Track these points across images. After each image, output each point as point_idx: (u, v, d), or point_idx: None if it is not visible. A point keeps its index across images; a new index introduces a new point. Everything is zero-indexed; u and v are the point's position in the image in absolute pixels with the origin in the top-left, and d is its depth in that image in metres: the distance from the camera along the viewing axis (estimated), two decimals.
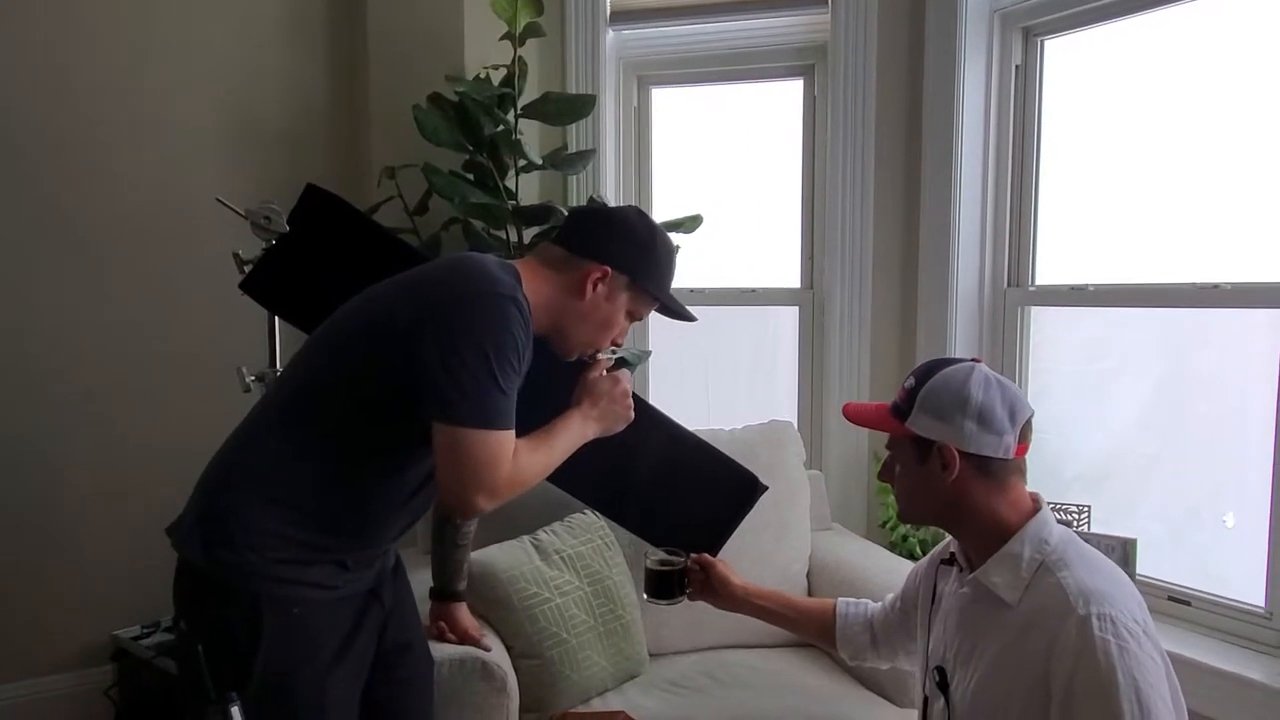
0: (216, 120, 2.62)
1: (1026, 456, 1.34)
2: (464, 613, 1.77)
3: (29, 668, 2.54)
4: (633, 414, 1.53)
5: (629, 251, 1.45)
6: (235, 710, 1.22)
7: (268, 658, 1.26)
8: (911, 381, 1.35)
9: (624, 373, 1.56)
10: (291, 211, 1.62)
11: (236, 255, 1.65)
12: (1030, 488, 1.34)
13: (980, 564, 1.32)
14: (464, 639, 1.73)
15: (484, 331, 1.25)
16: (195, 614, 1.30)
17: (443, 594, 1.77)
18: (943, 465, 1.29)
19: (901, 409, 1.34)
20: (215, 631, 1.27)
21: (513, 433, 1.30)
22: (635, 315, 1.51)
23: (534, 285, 1.38)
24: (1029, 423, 1.32)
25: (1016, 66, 2.45)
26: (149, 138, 2.55)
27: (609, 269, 1.42)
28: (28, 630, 2.53)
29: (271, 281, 1.63)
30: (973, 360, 1.35)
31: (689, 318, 1.55)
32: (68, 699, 2.57)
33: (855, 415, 1.43)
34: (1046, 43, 2.41)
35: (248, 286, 1.64)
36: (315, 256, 1.63)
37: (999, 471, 1.30)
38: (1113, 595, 1.19)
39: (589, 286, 1.41)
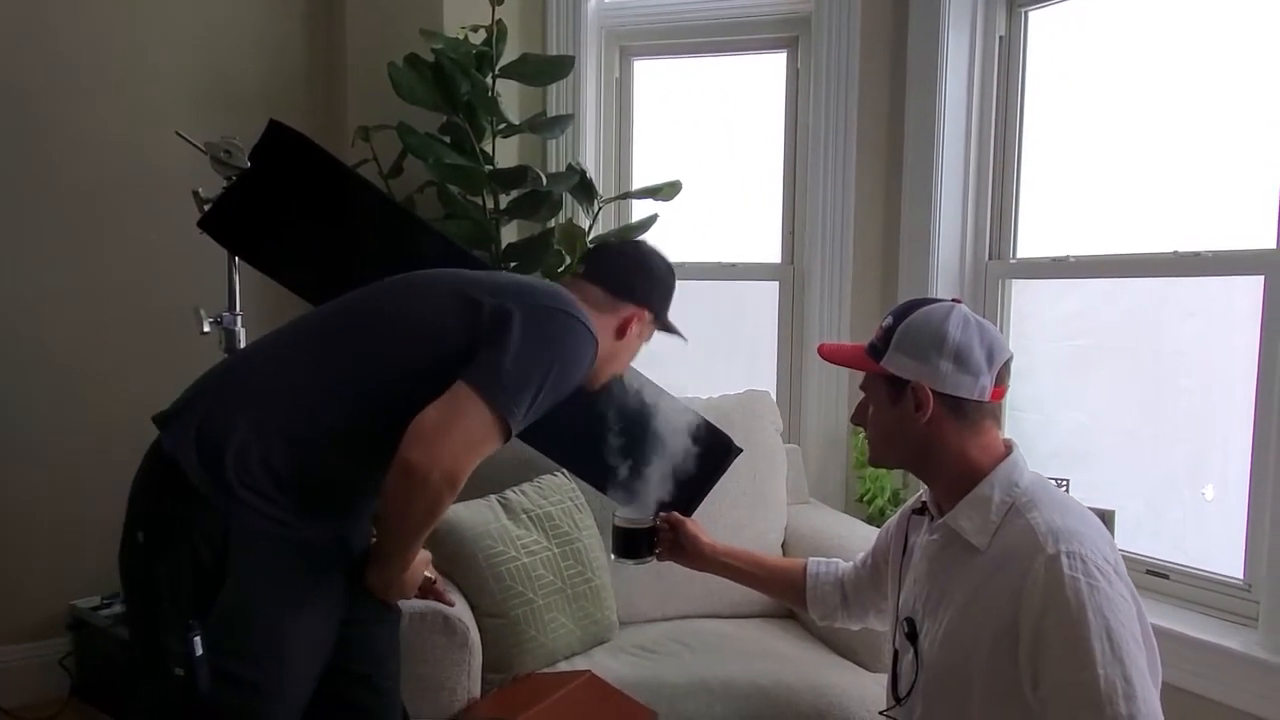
0: (188, 75, 2.58)
1: (1003, 401, 1.31)
2: (422, 563, 1.71)
3: None
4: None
5: (660, 294, 1.57)
6: (196, 641, 1.14)
7: (232, 586, 1.18)
8: (889, 320, 1.32)
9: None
10: (254, 148, 1.58)
11: (196, 194, 1.61)
12: None
13: (950, 509, 1.29)
14: (426, 592, 1.68)
15: (562, 353, 1.29)
16: (163, 522, 1.21)
17: None
18: (916, 405, 1.26)
19: (877, 348, 1.31)
20: (183, 547, 1.18)
21: (504, 437, 1.26)
22: (644, 341, 1.61)
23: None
24: (1007, 365, 1.29)
25: (1000, 37, 2.43)
26: (118, 91, 2.51)
27: (649, 311, 1.53)
28: None
29: (232, 219, 1.58)
30: (953, 300, 1.32)
31: (683, 337, 1.65)
32: (21, 669, 2.51)
33: (831, 354, 1.40)
34: (1030, 14, 2.40)
35: (207, 224, 1.59)
36: (278, 195, 1.58)
37: (973, 414, 1.27)
38: (1083, 534, 1.16)
39: (631, 328, 1.51)
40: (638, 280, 1.53)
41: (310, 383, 1.26)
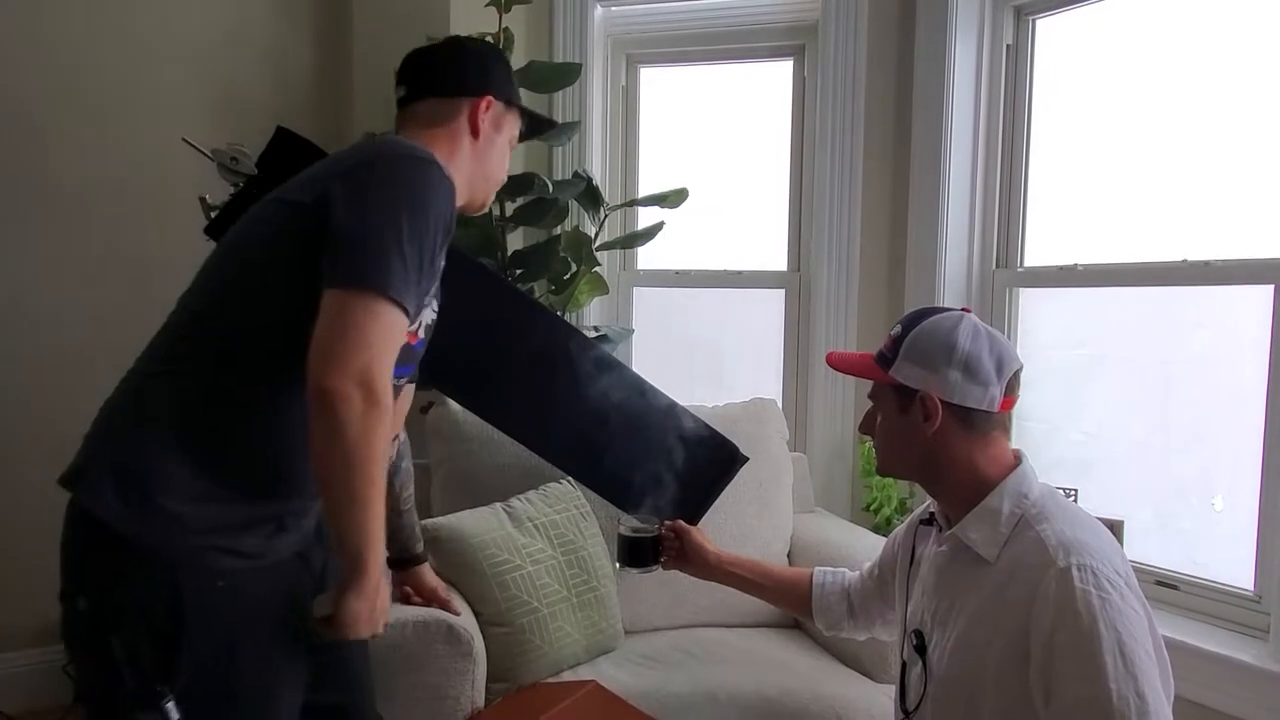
0: (197, 85, 2.58)
1: (1012, 412, 1.30)
2: (428, 574, 1.71)
3: None
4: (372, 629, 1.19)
5: (496, 75, 1.39)
6: (170, 707, 1.05)
7: (197, 641, 1.09)
8: (898, 329, 1.31)
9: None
10: (261, 154, 1.58)
11: (203, 200, 1.61)
12: None
13: (959, 521, 1.28)
14: (431, 599, 1.67)
15: (397, 194, 1.13)
16: (102, 586, 1.11)
17: (402, 560, 1.69)
18: (924, 415, 1.25)
19: (886, 357, 1.31)
20: (130, 609, 1.09)
21: (407, 321, 1.14)
22: (513, 141, 1.44)
23: (435, 154, 1.24)
24: (1017, 376, 1.28)
25: (1008, 46, 2.42)
26: (124, 98, 2.51)
27: (491, 97, 1.36)
28: None
29: None
30: (962, 309, 1.31)
31: (551, 122, 1.51)
32: (25, 675, 2.50)
33: (839, 363, 1.39)
34: (1038, 21, 2.39)
35: (214, 231, 1.59)
36: None
37: (981, 424, 1.26)
38: (1093, 547, 1.15)
39: (481, 122, 1.35)
40: (461, 70, 1.36)
41: (180, 384, 1.16)
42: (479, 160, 1.37)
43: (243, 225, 1.24)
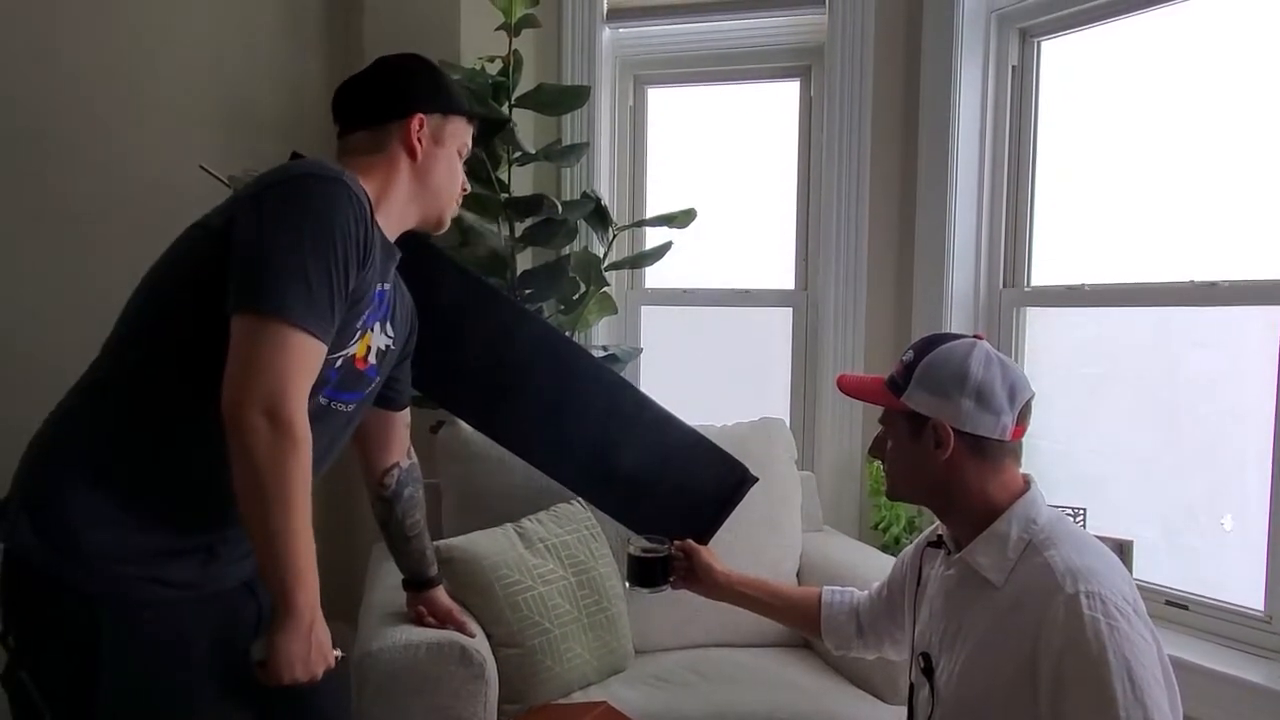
0: (210, 110, 2.61)
1: (1023, 439, 1.31)
2: (442, 596, 1.70)
3: None
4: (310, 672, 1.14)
5: (422, 88, 1.36)
6: None
7: (113, 679, 1.06)
8: (910, 355, 1.31)
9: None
10: None
11: None
12: None
13: (967, 545, 1.28)
14: (447, 620, 1.66)
15: (303, 217, 1.10)
16: (21, 623, 1.09)
17: (415, 583, 1.69)
18: (936, 443, 1.26)
19: (898, 383, 1.31)
20: (46, 647, 1.07)
21: (320, 345, 1.10)
22: (463, 149, 1.41)
23: (372, 183, 1.26)
24: (1028, 404, 1.29)
25: (1013, 67, 2.44)
26: (134, 120, 2.53)
27: (421, 115, 1.32)
28: None
29: None
30: (975, 336, 1.32)
31: (502, 116, 1.48)
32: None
33: (849, 387, 1.40)
34: (1043, 44, 2.41)
35: None
36: None
37: (993, 453, 1.27)
38: (1101, 573, 1.16)
39: (415, 143, 1.32)
40: (384, 96, 1.34)
41: (96, 413, 1.15)
42: (422, 179, 1.34)
43: (166, 251, 1.23)
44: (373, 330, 1.30)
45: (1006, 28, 2.43)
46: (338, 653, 1.20)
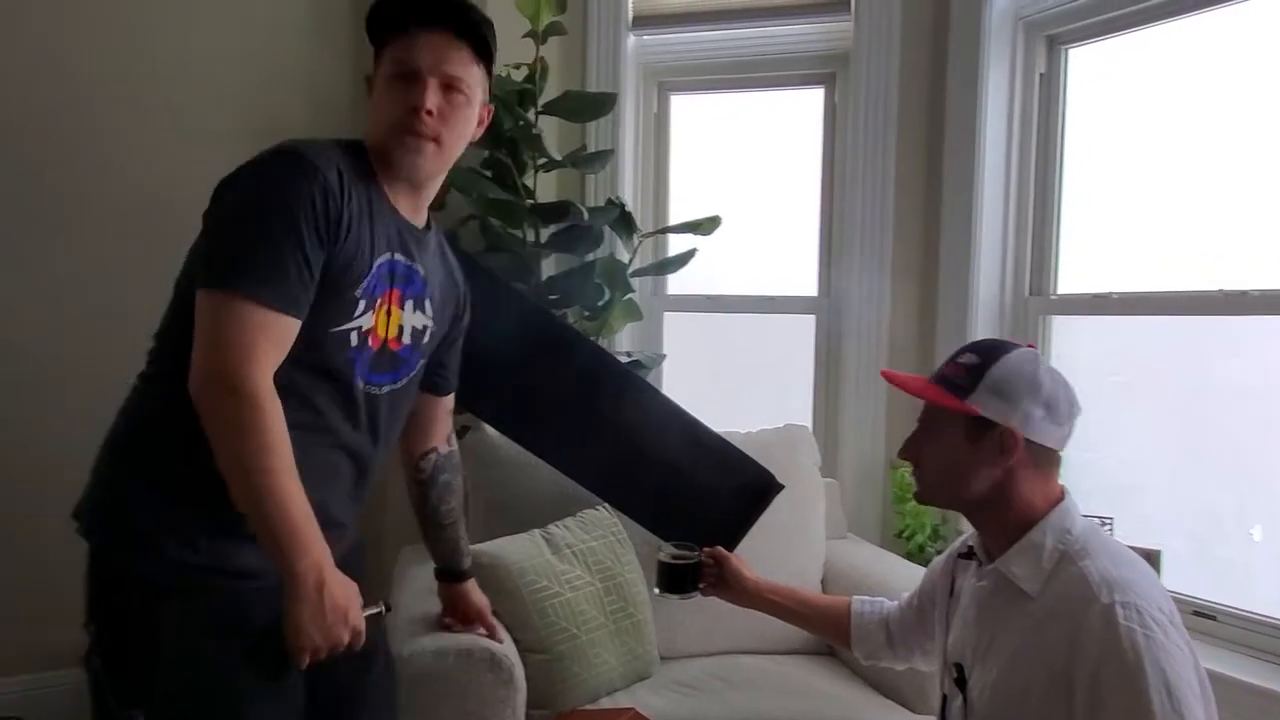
0: (237, 121, 2.62)
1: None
2: (474, 592, 1.67)
3: (32, 662, 2.50)
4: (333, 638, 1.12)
5: (368, 30, 1.33)
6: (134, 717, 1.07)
7: (170, 665, 1.10)
8: (974, 359, 1.28)
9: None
10: None
11: None
12: None
13: (1000, 555, 1.28)
14: (478, 619, 1.64)
15: (251, 190, 1.14)
16: (96, 612, 1.15)
17: (446, 573, 1.66)
18: (1000, 449, 1.24)
19: (959, 384, 1.27)
20: (114, 635, 1.13)
21: (280, 315, 1.11)
22: (390, 71, 1.27)
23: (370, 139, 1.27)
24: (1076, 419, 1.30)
25: (1041, 75, 2.43)
26: (166, 139, 2.55)
27: (375, 50, 1.30)
28: (30, 624, 2.50)
29: None
30: (1027, 345, 1.32)
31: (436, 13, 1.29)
32: (66, 696, 2.53)
33: (904, 381, 1.35)
34: (1071, 51, 2.40)
35: None
36: None
37: (1046, 463, 1.27)
38: (1137, 584, 1.15)
39: (370, 86, 1.31)
40: None
41: (148, 407, 1.21)
42: (371, 111, 1.29)
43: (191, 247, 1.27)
44: (402, 309, 1.29)
45: (1034, 35, 2.43)
46: (379, 609, 1.20)
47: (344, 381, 1.23)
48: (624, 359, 2.51)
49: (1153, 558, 2.06)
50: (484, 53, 1.31)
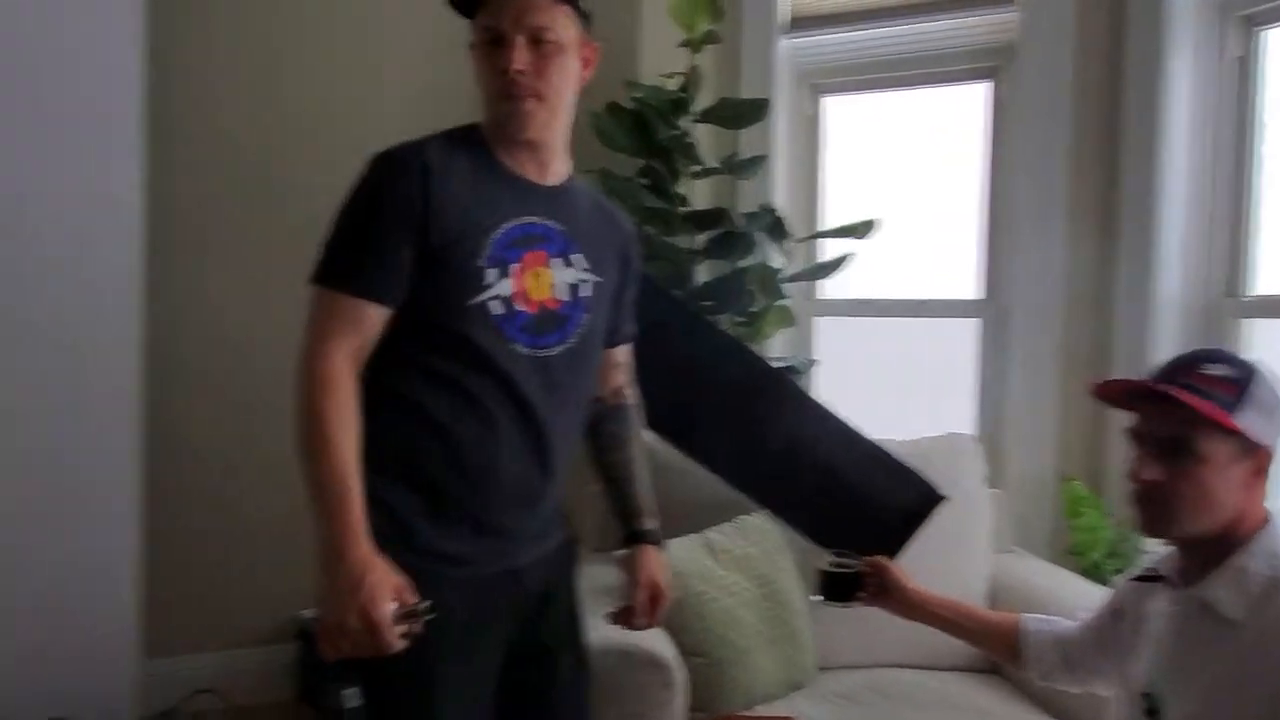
0: (399, 135, 2.77)
1: None
2: (652, 560, 1.49)
3: (222, 640, 2.70)
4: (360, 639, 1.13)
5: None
6: (348, 694, 1.19)
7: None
8: (1229, 370, 1.17)
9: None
10: None
11: None
12: None
13: (1199, 579, 1.20)
14: (647, 588, 1.46)
15: (347, 194, 1.28)
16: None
17: (629, 535, 1.51)
18: (1257, 470, 1.17)
19: (1225, 401, 1.15)
20: None
21: (351, 298, 1.22)
22: (478, 40, 1.32)
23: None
24: None
25: (1238, 59, 2.25)
26: (342, 151, 2.72)
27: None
28: (222, 603, 2.69)
29: None
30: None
31: None
32: (255, 673, 2.74)
33: (1180, 393, 1.14)
34: (1267, 33, 2.21)
35: None
36: None
37: (1267, 483, 1.19)
38: None
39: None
40: None
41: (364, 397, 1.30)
42: (478, 85, 1.34)
43: None
44: (549, 268, 1.30)
45: (1228, 16, 2.25)
46: (413, 607, 1.14)
47: (499, 354, 1.25)
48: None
49: None
50: None
